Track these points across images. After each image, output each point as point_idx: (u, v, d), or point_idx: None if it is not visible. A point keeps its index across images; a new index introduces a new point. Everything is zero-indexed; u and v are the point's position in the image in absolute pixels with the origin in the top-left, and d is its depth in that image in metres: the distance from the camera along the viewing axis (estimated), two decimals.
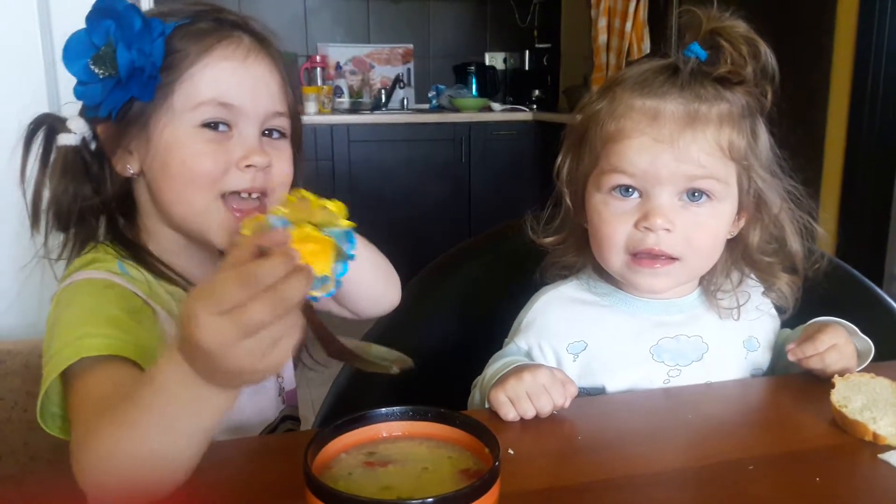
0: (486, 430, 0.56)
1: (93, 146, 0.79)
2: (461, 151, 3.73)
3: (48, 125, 0.78)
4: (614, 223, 0.84)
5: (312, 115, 3.57)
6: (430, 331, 1.12)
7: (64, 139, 0.77)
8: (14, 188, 0.77)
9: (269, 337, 0.47)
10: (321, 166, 3.52)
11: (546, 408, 0.74)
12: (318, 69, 3.84)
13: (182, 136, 0.74)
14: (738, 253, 0.89)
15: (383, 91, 3.99)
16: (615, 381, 0.87)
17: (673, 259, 0.83)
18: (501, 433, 0.71)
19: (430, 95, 4.09)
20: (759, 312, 0.92)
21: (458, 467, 0.55)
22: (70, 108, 0.80)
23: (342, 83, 3.97)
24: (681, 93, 0.82)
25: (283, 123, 0.81)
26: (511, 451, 0.67)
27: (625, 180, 0.82)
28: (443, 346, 1.08)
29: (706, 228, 0.83)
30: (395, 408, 0.56)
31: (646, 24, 3.34)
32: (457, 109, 3.86)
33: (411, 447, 0.55)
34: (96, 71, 0.73)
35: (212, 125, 0.75)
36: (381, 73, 4.13)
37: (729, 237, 0.87)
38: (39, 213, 0.78)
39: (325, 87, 3.77)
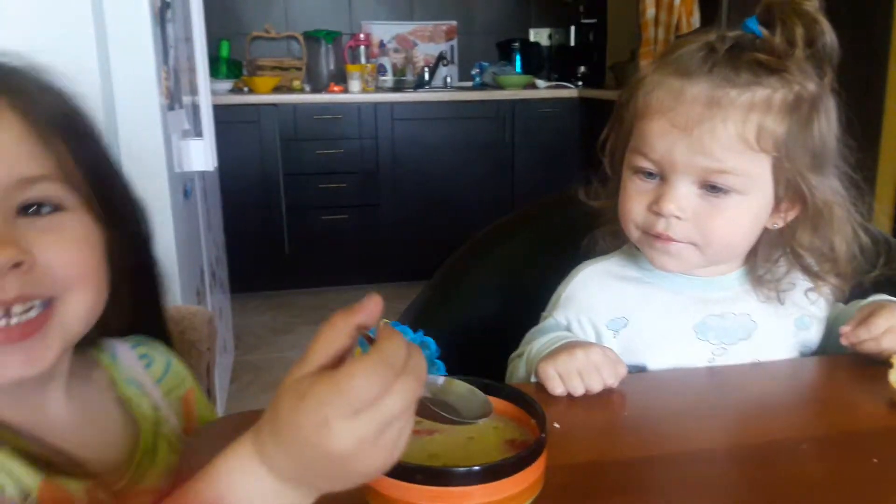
0: (532, 402, 0.56)
1: None
2: (504, 129, 3.70)
3: None
4: (634, 200, 0.82)
5: (356, 93, 3.58)
6: (468, 305, 1.12)
7: None
8: None
9: (400, 426, 0.42)
10: (365, 145, 3.54)
11: (596, 387, 0.74)
12: (362, 47, 3.84)
13: None
14: (783, 245, 0.85)
15: (426, 69, 3.98)
16: (657, 360, 0.86)
17: (689, 243, 0.80)
18: (548, 407, 0.70)
19: (473, 73, 4.06)
20: (808, 300, 0.89)
21: (503, 437, 0.55)
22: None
23: (385, 61, 3.96)
24: (708, 75, 0.77)
25: (53, 189, 0.57)
26: (557, 425, 0.67)
27: (645, 164, 0.80)
28: (481, 321, 1.08)
29: (724, 221, 0.79)
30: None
31: None
32: (500, 87, 3.82)
33: None
34: None
35: None
36: (425, 51, 4.11)
37: (773, 227, 0.83)
38: None
39: (368, 65, 3.77)
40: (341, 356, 0.43)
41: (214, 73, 3.27)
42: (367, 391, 0.40)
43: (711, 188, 0.78)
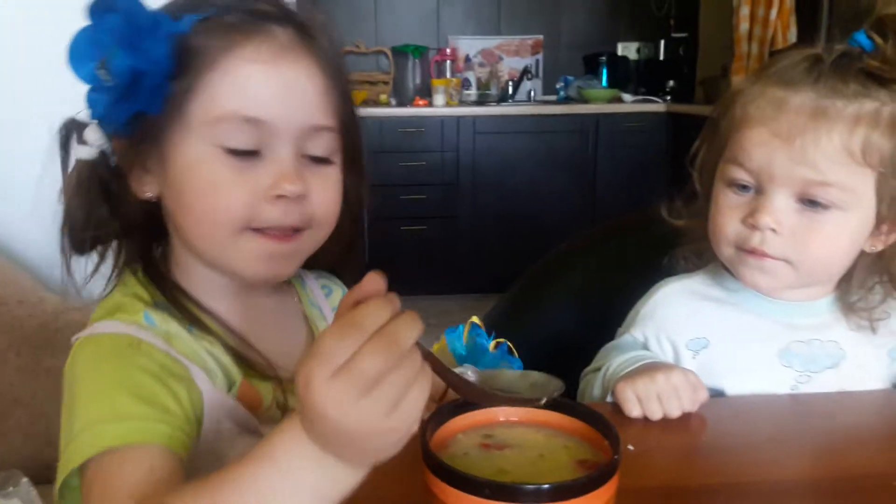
0: (606, 423, 0.55)
1: (113, 161, 0.66)
2: (588, 144, 3.66)
3: (70, 132, 0.66)
4: (727, 215, 0.80)
5: (440, 106, 3.62)
6: (543, 319, 1.11)
7: (80, 151, 0.65)
8: None
9: (390, 389, 0.41)
10: (446, 157, 3.57)
11: (675, 412, 0.72)
12: (448, 62, 3.89)
13: (199, 158, 0.62)
14: (881, 269, 0.81)
15: (511, 83, 3.99)
16: (736, 384, 0.83)
17: (783, 260, 0.77)
18: (623, 428, 0.69)
19: (557, 87, 4.04)
20: None
21: (574, 457, 0.54)
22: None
23: (470, 75, 4.00)
24: (814, 85, 0.74)
25: (329, 141, 0.66)
26: (631, 447, 0.66)
27: (741, 174, 0.78)
28: (555, 336, 1.08)
29: (822, 237, 0.76)
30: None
31: (793, 11, 3.13)
32: (585, 101, 3.79)
33: (528, 433, 0.55)
34: (102, 76, 0.59)
35: (236, 152, 0.62)
36: (510, 65, 4.12)
37: (870, 250, 0.79)
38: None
39: (453, 79, 3.81)
40: None
41: None
42: (337, 350, 0.40)
43: (810, 203, 0.75)
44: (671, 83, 3.95)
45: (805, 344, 0.83)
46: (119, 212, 0.66)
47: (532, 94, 4.04)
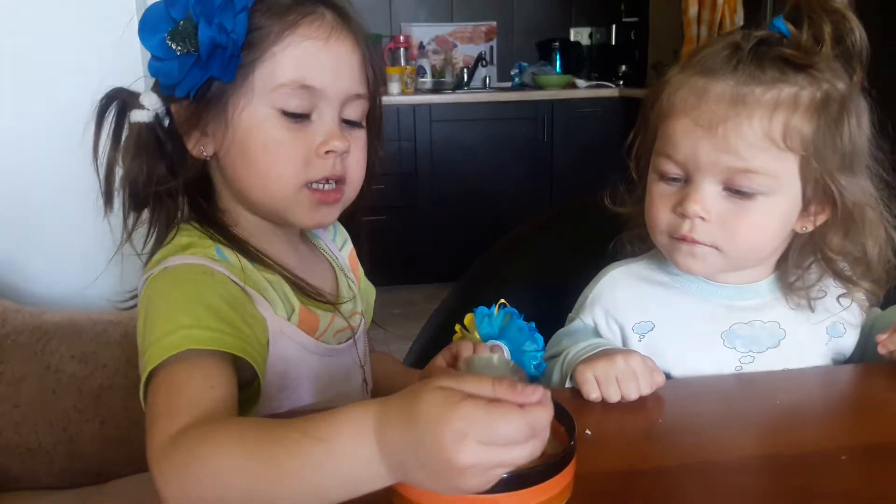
0: (562, 410, 0.56)
1: (166, 123, 0.75)
2: (543, 130, 3.68)
3: (120, 100, 0.75)
4: (658, 205, 0.82)
5: (396, 95, 3.60)
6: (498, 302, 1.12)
7: (137, 115, 0.74)
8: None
9: (503, 471, 0.46)
10: (403, 146, 3.55)
11: (632, 394, 0.73)
12: (402, 49, 3.86)
13: (261, 120, 0.72)
14: (814, 249, 0.83)
15: (466, 70, 3.98)
16: (681, 366, 0.85)
17: (712, 246, 0.79)
18: (581, 413, 0.70)
19: (512, 73, 4.05)
20: (840, 307, 0.86)
21: None
22: (141, 83, 0.77)
23: (425, 63, 3.98)
24: (733, 73, 0.76)
25: (362, 108, 0.78)
26: (589, 432, 0.67)
27: (669, 166, 0.80)
28: None
29: (749, 224, 0.77)
30: None
31: None
32: (540, 87, 3.81)
33: None
34: (174, 47, 0.69)
35: (291, 114, 0.72)
36: (464, 52, 4.11)
37: (802, 231, 0.81)
38: (112, 193, 0.75)
39: (408, 67, 3.79)
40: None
41: None
42: (510, 435, 0.44)
43: (736, 191, 0.77)
44: (623, 68, 3.99)
45: (747, 325, 0.85)
46: (176, 169, 0.75)
47: (487, 80, 4.04)
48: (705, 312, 0.85)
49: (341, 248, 0.94)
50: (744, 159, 0.75)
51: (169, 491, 0.51)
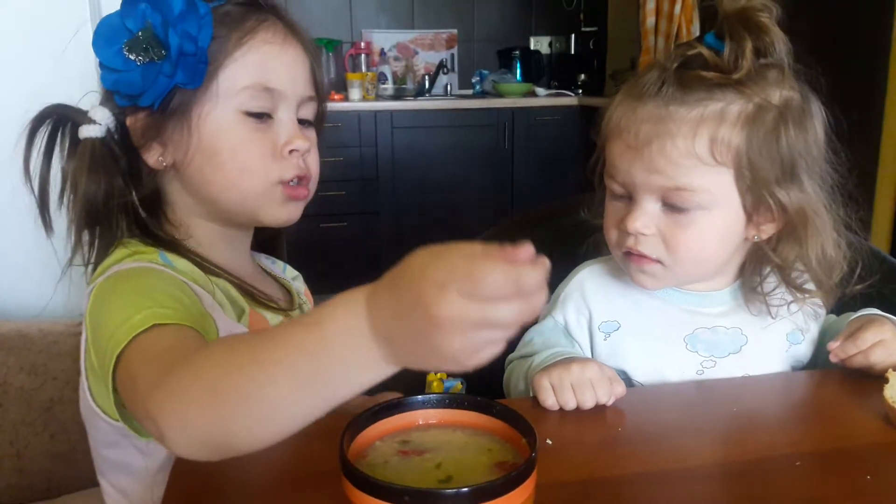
0: (523, 421, 0.55)
1: (117, 137, 0.75)
2: (504, 137, 3.70)
3: (56, 117, 0.74)
4: (610, 223, 0.84)
5: (356, 101, 3.58)
6: None
7: (87, 131, 0.73)
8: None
9: (492, 338, 0.43)
10: (365, 153, 3.54)
11: (588, 402, 0.74)
12: (363, 56, 3.85)
13: (228, 123, 0.74)
14: (766, 258, 0.84)
15: (427, 77, 3.98)
16: (643, 367, 0.86)
17: (657, 261, 0.80)
18: (541, 422, 0.70)
19: (473, 81, 4.07)
20: (800, 314, 0.88)
21: (495, 460, 0.54)
22: (90, 98, 0.76)
23: (386, 69, 3.97)
24: (658, 94, 0.77)
25: (314, 109, 0.82)
26: (549, 441, 0.67)
27: (614, 186, 0.82)
28: None
29: (689, 237, 0.78)
30: (431, 395, 0.56)
31: (696, 6, 3.25)
32: (500, 95, 3.83)
33: (446, 435, 0.55)
34: (132, 57, 0.69)
35: (254, 115, 0.75)
36: (425, 59, 4.12)
37: (756, 240, 0.82)
38: (48, 213, 0.74)
39: (369, 73, 3.77)
40: None
41: None
42: (493, 288, 0.41)
43: (674, 206, 0.78)
44: (582, 76, 4.04)
45: (710, 330, 0.86)
46: (131, 183, 0.75)
47: (449, 88, 4.05)
48: (669, 316, 0.87)
49: (294, 280, 0.96)
50: (672, 178, 0.76)
51: (164, 417, 0.50)
